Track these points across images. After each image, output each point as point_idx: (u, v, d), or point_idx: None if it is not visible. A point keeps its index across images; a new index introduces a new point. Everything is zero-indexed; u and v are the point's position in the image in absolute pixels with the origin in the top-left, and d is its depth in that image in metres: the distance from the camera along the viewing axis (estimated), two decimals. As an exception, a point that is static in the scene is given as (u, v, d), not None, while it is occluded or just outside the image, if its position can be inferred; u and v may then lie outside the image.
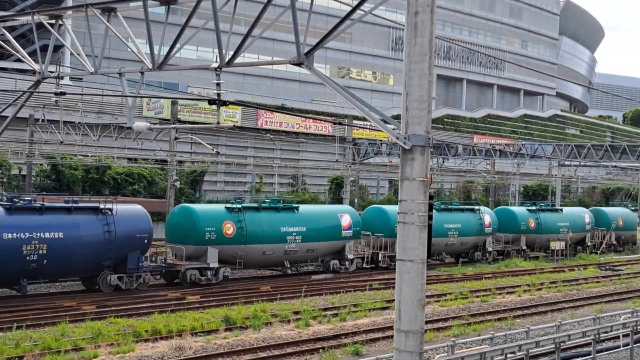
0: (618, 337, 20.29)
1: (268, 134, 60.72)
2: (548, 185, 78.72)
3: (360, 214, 42.35)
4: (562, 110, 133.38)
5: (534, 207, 51.77)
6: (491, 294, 32.99)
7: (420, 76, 9.74)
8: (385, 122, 10.83)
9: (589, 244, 54.99)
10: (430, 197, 10.25)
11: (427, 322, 25.81)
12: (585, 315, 27.24)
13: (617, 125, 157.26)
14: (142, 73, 14.74)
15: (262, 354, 21.48)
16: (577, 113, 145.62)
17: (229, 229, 33.67)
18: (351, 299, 30.11)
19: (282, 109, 71.69)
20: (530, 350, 15.33)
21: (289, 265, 36.76)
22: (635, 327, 18.38)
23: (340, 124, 16.43)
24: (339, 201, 65.39)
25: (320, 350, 21.86)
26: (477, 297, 32.21)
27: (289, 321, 25.41)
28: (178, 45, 13.80)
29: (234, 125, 32.16)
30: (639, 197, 57.44)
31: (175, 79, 74.40)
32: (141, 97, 18.05)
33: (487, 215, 46.54)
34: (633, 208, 63.39)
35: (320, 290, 32.39)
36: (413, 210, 9.75)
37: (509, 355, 15.03)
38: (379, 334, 24.21)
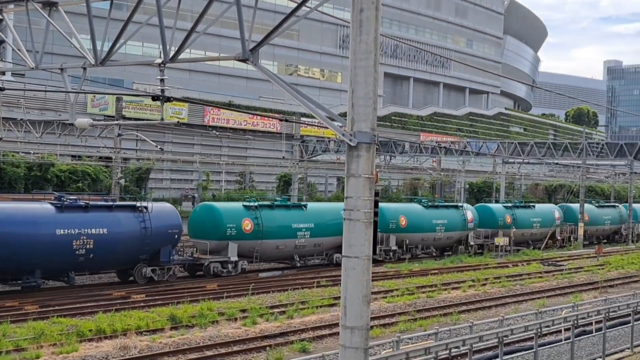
0: (560, 331, 20.70)
1: (214, 131, 60.28)
2: (493, 182, 79.93)
3: None
4: (506, 109, 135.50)
5: (509, 204, 54.64)
6: (437, 290, 33.33)
7: (366, 73, 9.74)
8: (332, 120, 10.82)
9: (558, 237, 57.13)
10: (376, 194, 10.28)
11: (373, 318, 25.94)
12: (528, 309, 27.71)
13: (559, 124, 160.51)
14: (84, 69, 14.45)
15: (209, 353, 21.32)
16: (521, 111, 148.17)
17: (247, 225, 36.41)
18: (299, 297, 30.08)
19: (229, 106, 71.27)
20: (473, 345, 15.49)
21: (298, 259, 39.36)
22: (575, 321, 18.75)
23: (287, 120, 16.44)
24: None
25: (267, 348, 21.79)
26: (424, 293, 32.50)
27: (235, 319, 25.27)
28: (122, 41, 13.56)
29: (178, 122, 31.93)
30: (580, 194, 58.60)
31: (121, 75, 73.32)
32: (84, 93, 17.73)
33: (469, 212, 50.06)
34: (597, 204, 64.91)
35: (267, 288, 32.30)
36: (359, 207, 9.75)
37: (453, 350, 15.19)
38: (326, 331, 24.24)
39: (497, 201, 60.68)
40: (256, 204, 37.90)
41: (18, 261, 28.22)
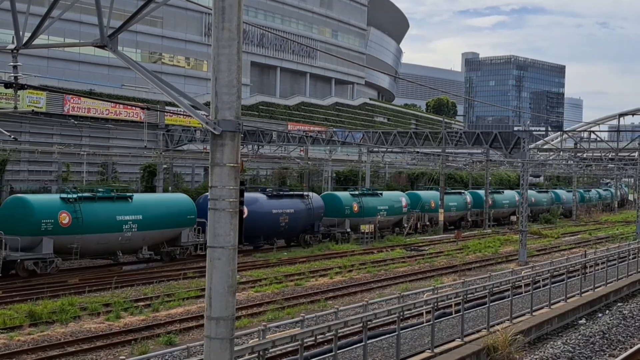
0: (422, 314, 21.40)
1: (73, 120, 57.97)
2: (358, 171, 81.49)
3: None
4: (370, 99, 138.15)
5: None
6: (305, 278, 33.70)
7: (229, 61, 9.65)
8: (196, 108, 10.67)
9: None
10: (242, 184, 10.22)
11: (242, 308, 25.94)
12: (392, 294, 28.48)
13: (421, 114, 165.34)
14: None
15: (71, 349, 20.69)
16: (384, 102, 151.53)
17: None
18: (164, 289, 29.65)
19: (90, 94, 68.64)
20: (339, 331, 15.68)
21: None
22: (436, 304, 19.42)
23: (149, 108, 15.98)
24: (152, 189, 63.93)
25: (133, 342, 21.36)
26: (292, 281, 32.78)
27: (98, 314, 24.60)
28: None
29: (33, 110, 30.43)
30: (440, 182, 60.76)
31: (-24, 62, 69.23)
32: None
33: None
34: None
35: (132, 281, 31.59)
36: (224, 197, 9.67)
37: (319, 337, 15.34)
38: (193, 323, 24.01)
39: (356, 189, 61.58)
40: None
41: (253, 230, 42.13)
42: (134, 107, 69.12)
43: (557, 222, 76.43)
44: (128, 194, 38.39)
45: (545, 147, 60.21)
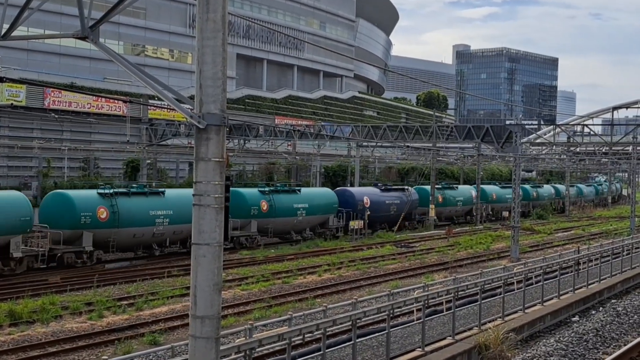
0: (412, 312, 20.99)
1: (53, 114, 57.09)
2: (347, 166, 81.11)
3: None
4: (360, 92, 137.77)
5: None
6: (293, 275, 33.26)
7: (214, 53, 9.33)
8: (180, 102, 10.27)
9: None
10: (227, 179, 9.87)
11: (228, 307, 25.46)
12: (381, 291, 28.06)
13: (411, 107, 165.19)
14: None
15: (52, 349, 20.26)
16: (374, 95, 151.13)
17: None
18: (148, 287, 29.14)
19: (71, 88, 67.63)
20: (327, 329, 15.35)
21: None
22: (426, 302, 19.01)
23: (132, 102, 15.45)
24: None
25: (116, 342, 20.89)
26: (279, 279, 32.32)
27: (80, 313, 24.12)
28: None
29: (12, 104, 29.78)
30: (431, 176, 60.44)
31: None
32: None
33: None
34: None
35: (115, 279, 30.99)
36: (209, 192, 9.39)
37: (307, 335, 14.96)
38: (178, 322, 23.54)
39: (351, 184, 61.07)
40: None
41: (375, 217, 52.20)
42: (116, 101, 68.29)
43: (550, 218, 76.30)
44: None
45: (537, 141, 59.88)
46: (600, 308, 26.70)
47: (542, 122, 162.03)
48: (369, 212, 51.71)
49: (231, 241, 42.07)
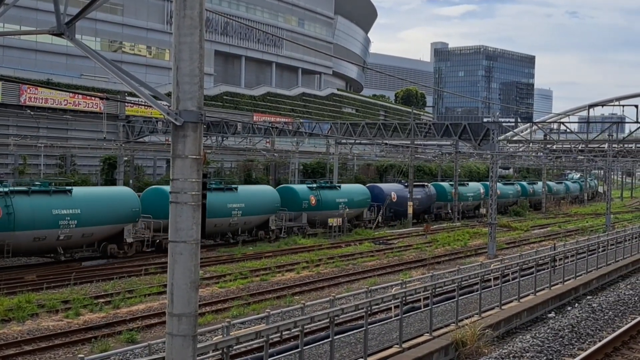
0: (390, 309, 21.04)
1: (29, 111, 56.51)
2: (326, 163, 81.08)
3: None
4: (338, 89, 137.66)
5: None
6: (271, 273, 33.16)
7: (191, 49, 9.29)
8: (157, 99, 10.23)
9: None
10: (205, 176, 9.83)
11: (206, 304, 25.37)
12: (360, 288, 28.09)
13: (389, 104, 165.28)
14: None
15: (28, 347, 20.03)
16: (352, 92, 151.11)
17: None
18: (126, 285, 28.93)
19: (47, 84, 67.03)
20: (305, 326, 15.34)
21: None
22: (404, 298, 19.07)
23: (108, 99, 15.35)
24: (113, 182, 62.83)
25: (92, 340, 20.73)
26: (257, 276, 32.22)
27: (57, 311, 23.88)
28: None
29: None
30: (409, 174, 60.58)
31: None
32: None
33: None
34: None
35: (92, 277, 30.74)
36: (186, 190, 9.35)
37: (285, 333, 14.94)
38: (156, 320, 23.40)
39: (331, 181, 60.69)
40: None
41: (400, 211, 58.43)
42: (93, 98, 67.75)
43: (527, 215, 76.77)
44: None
45: (514, 138, 60.21)
46: (576, 304, 26.92)
47: (519, 120, 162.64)
48: (396, 207, 59.18)
49: (285, 231, 47.75)
